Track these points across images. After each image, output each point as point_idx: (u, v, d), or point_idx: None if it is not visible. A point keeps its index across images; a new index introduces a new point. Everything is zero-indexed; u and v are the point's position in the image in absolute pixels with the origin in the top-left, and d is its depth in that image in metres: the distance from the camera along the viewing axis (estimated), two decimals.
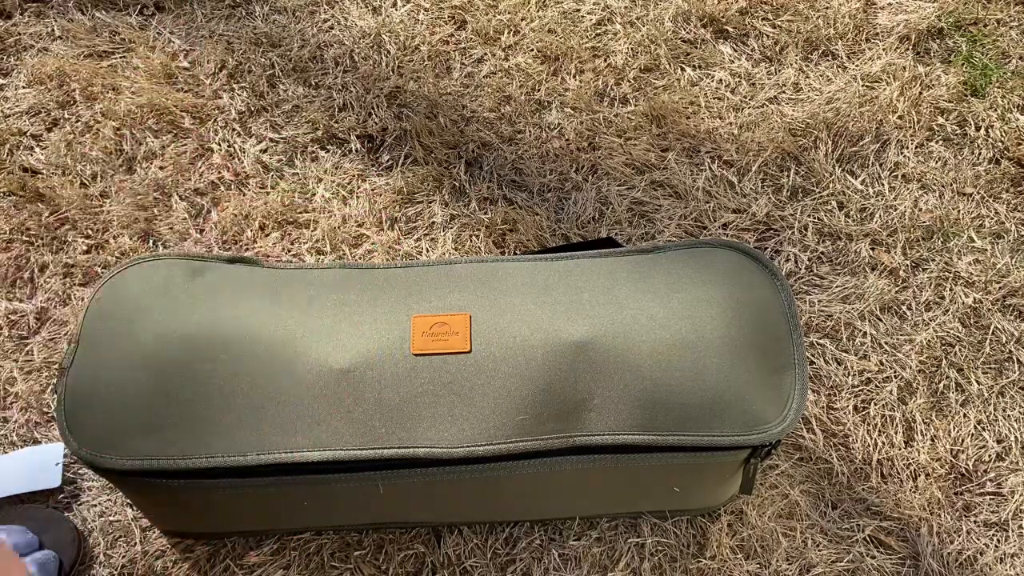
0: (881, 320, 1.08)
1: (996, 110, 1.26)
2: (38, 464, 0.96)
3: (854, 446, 1.00)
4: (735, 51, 1.32)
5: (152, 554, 0.92)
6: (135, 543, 0.93)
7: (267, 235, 1.13)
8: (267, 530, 0.92)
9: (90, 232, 1.13)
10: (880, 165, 1.21)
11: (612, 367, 0.75)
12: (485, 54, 1.31)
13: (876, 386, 1.04)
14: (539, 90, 1.27)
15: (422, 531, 0.94)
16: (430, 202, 1.17)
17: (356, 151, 1.21)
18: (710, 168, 1.20)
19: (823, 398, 1.03)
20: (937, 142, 1.24)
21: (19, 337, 1.05)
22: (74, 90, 1.24)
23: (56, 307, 1.07)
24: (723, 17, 1.34)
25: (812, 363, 1.05)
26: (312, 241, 1.12)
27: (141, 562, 0.92)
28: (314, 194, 1.17)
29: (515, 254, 1.12)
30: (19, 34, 1.30)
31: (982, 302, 1.10)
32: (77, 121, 1.22)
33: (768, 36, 1.33)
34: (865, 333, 1.07)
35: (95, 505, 0.95)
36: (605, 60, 1.30)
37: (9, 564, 0.31)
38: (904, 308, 1.10)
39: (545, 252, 0.90)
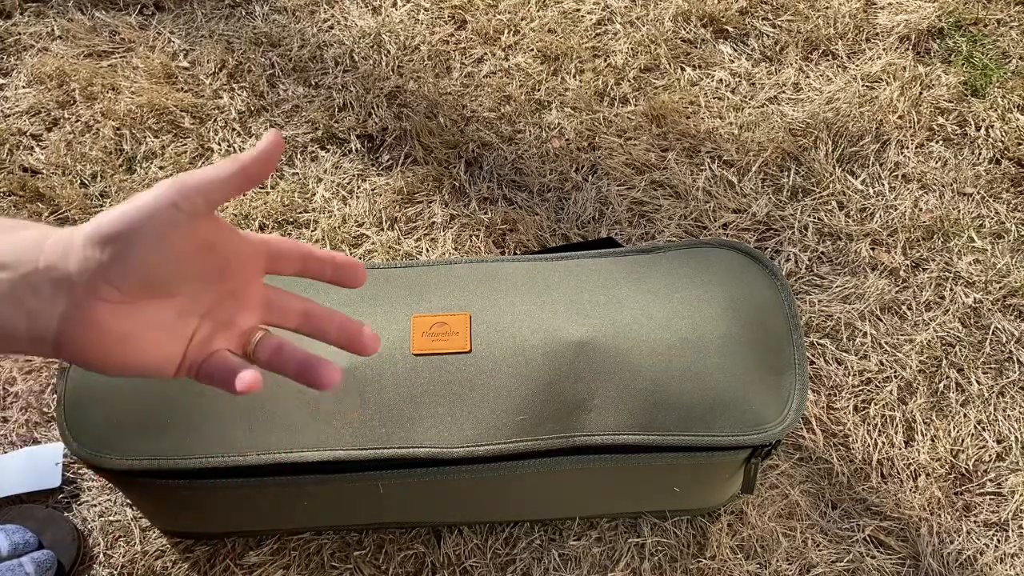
0: (881, 320, 1.08)
1: (996, 110, 1.26)
2: (38, 464, 0.96)
3: (854, 446, 1.00)
4: (735, 51, 1.32)
5: (152, 554, 0.92)
6: (135, 543, 0.93)
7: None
8: (267, 530, 0.92)
9: None
10: (880, 165, 1.21)
11: (612, 367, 0.75)
12: (485, 54, 1.31)
13: (876, 386, 1.04)
14: (539, 90, 1.27)
15: (422, 531, 0.94)
16: (430, 202, 1.17)
17: (356, 151, 1.21)
18: (710, 168, 1.20)
19: (823, 398, 1.03)
20: (937, 142, 1.24)
21: None
22: (74, 90, 1.24)
23: None
24: (723, 17, 1.34)
25: (812, 363, 1.05)
26: (312, 241, 1.12)
27: (141, 562, 0.92)
28: (314, 194, 1.17)
29: (515, 254, 1.12)
30: (19, 34, 1.30)
31: (982, 302, 1.10)
32: (77, 121, 1.22)
33: (768, 36, 1.33)
34: (865, 333, 1.07)
35: (95, 505, 0.95)
36: (605, 60, 1.30)
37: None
38: (904, 308, 1.10)
39: (545, 252, 0.90)
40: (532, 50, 1.31)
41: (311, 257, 0.41)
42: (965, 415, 1.02)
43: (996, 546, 0.95)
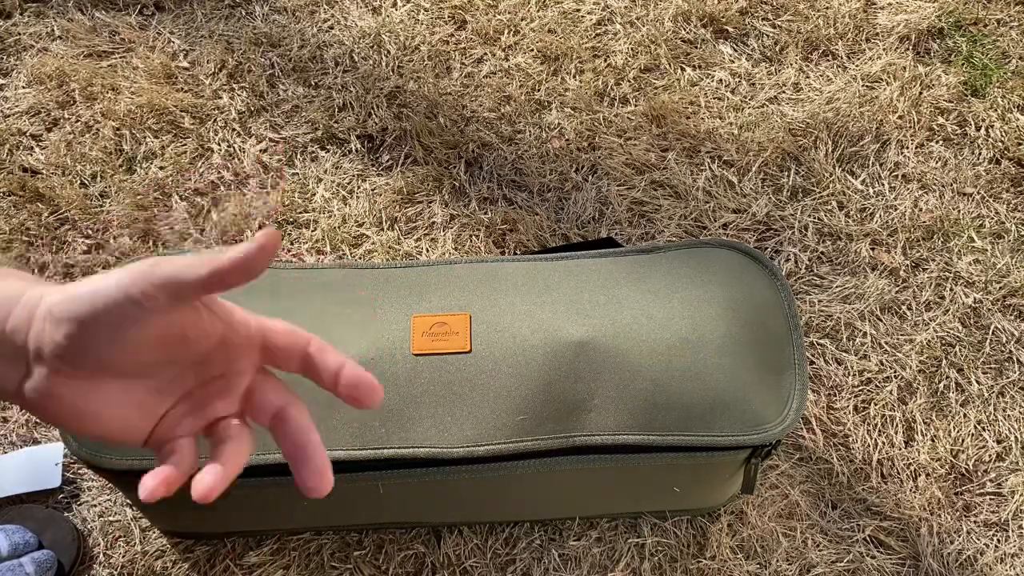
0: (881, 320, 1.08)
1: (996, 110, 1.26)
2: (38, 464, 0.96)
3: (854, 446, 1.00)
4: (735, 51, 1.32)
5: (152, 554, 0.92)
6: (135, 543, 0.93)
7: None
8: (267, 530, 0.92)
9: (90, 232, 1.13)
10: (880, 165, 1.21)
11: (612, 367, 0.75)
12: (485, 54, 1.31)
13: (876, 386, 1.04)
14: (539, 90, 1.27)
15: (422, 531, 0.94)
16: (430, 202, 1.17)
17: (356, 151, 1.21)
18: (710, 168, 1.20)
19: (823, 398, 1.03)
20: (937, 142, 1.24)
21: None
22: (74, 90, 1.24)
23: None
24: (723, 17, 1.34)
25: (812, 363, 1.05)
26: (312, 241, 1.12)
27: (141, 562, 0.92)
28: (314, 194, 1.17)
29: (515, 254, 1.12)
30: (19, 34, 1.30)
31: (982, 302, 1.10)
32: (77, 121, 1.22)
33: (768, 36, 1.33)
34: (865, 333, 1.07)
35: (95, 505, 0.95)
36: (605, 60, 1.30)
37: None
38: (904, 308, 1.09)
39: (545, 252, 0.90)
40: (532, 50, 1.31)
41: (311, 364, 0.38)
42: (965, 415, 1.02)
43: (996, 546, 0.95)
